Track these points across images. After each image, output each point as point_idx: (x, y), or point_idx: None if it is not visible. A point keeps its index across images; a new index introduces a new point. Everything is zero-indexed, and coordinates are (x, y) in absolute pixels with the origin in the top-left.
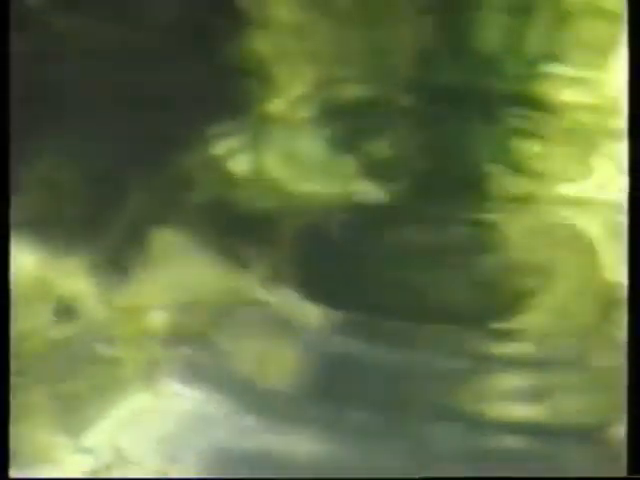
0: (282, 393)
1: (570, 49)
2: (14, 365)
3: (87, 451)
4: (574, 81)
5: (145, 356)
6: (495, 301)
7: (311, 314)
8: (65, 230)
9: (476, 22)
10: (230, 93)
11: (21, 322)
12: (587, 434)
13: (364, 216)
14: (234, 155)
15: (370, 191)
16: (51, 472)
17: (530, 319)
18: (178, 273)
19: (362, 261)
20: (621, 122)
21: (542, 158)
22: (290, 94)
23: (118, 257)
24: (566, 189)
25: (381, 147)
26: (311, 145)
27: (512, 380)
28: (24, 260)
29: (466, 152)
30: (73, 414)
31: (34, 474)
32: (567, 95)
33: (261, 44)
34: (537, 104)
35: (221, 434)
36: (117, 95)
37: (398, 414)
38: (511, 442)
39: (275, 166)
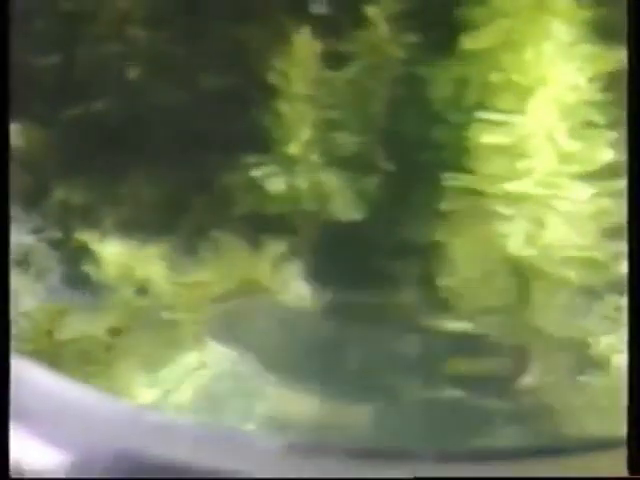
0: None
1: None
2: (110, 322)
3: (154, 388)
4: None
5: (197, 321)
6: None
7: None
8: (144, 230)
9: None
10: (261, 136)
11: (111, 296)
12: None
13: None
14: (266, 178)
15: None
16: (130, 402)
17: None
18: (225, 263)
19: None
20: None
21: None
22: (301, 138)
23: (183, 250)
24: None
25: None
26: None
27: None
28: (114, 251)
29: None
30: (146, 363)
31: (119, 403)
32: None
33: (283, 107)
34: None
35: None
36: (183, 138)
37: (379, 370)
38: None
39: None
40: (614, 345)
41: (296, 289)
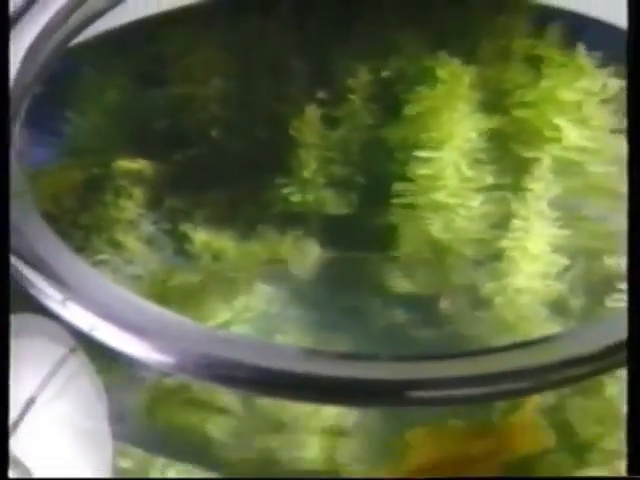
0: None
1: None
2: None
3: (222, 317)
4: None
5: (249, 277)
6: None
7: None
8: (218, 224)
9: None
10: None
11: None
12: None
13: None
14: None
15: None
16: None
17: None
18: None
19: None
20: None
21: None
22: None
23: (240, 234)
24: None
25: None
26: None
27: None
28: (202, 236)
29: None
30: (219, 301)
31: None
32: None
33: (299, 150)
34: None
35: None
36: (240, 171)
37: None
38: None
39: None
40: (495, 289)
41: (306, 257)
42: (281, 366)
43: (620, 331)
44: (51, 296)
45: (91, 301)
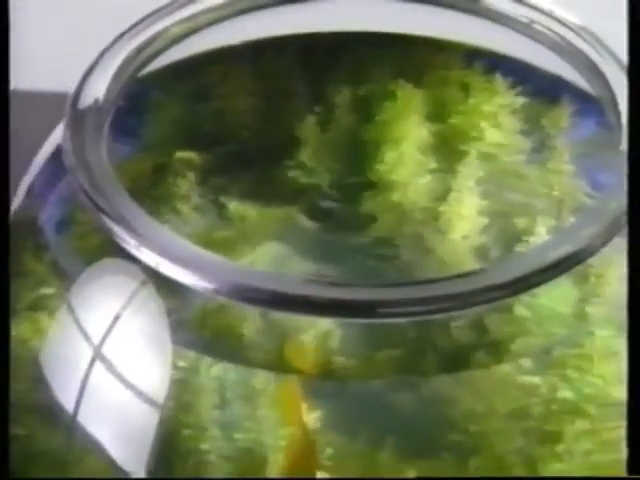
0: None
1: None
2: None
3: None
4: None
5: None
6: None
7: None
8: (244, 198)
9: None
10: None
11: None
12: None
13: None
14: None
15: None
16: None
17: None
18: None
19: None
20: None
21: None
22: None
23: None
24: None
25: None
26: None
27: None
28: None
29: None
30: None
31: None
32: None
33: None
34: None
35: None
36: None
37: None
38: None
39: None
40: (437, 240)
41: (305, 221)
42: (288, 290)
43: (523, 267)
44: (128, 242)
45: (157, 245)
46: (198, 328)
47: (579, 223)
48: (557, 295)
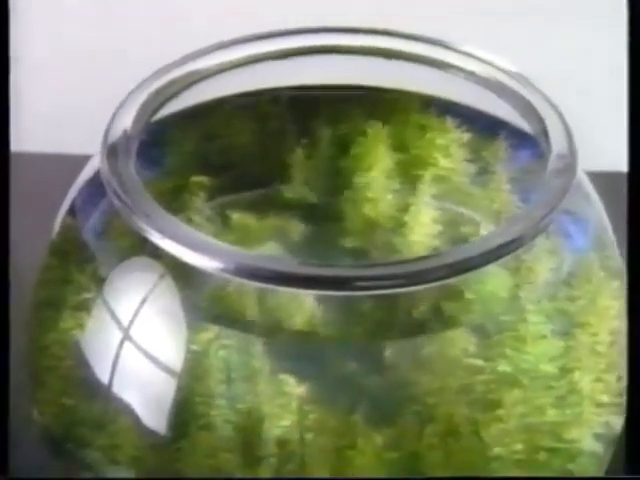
0: None
1: None
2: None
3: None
4: None
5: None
6: None
7: None
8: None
9: None
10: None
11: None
12: None
13: None
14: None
15: None
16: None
17: None
18: None
19: None
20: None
21: None
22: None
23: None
24: None
25: None
26: None
27: None
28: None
29: None
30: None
31: None
32: None
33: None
34: None
35: None
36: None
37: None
38: None
39: None
40: (400, 242)
41: (295, 227)
42: (285, 269)
43: (468, 252)
44: (153, 234)
45: (176, 236)
46: (212, 305)
47: (510, 224)
48: (497, 282)
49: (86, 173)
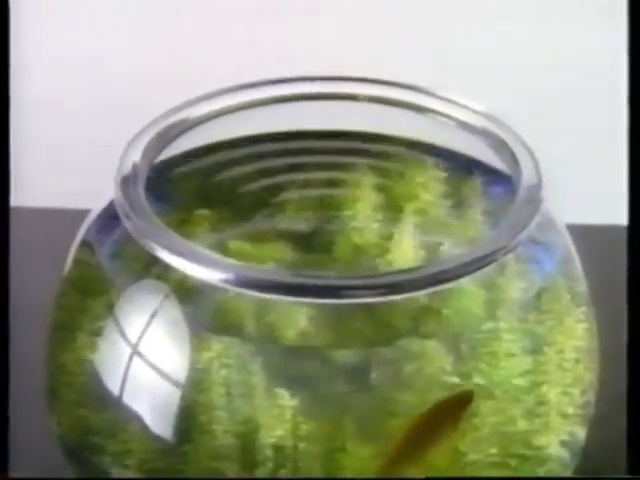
0: None
1: None
2: None
3: None
4: None
5: None
6: None
7: None
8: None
9: None
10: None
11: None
12: None
13: None
14: None
15: None
16: None
17: None
18: None
19: None
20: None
21: None
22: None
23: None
24: None
25: None
26: None
27: None
28: (235, 244)
29: None
30: None
31: None
32: None
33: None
34: None
35: None
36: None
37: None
38: None
39: None
40: (384, 263)
41: (287, 254)
42: (281, 280)
43: (444, 265)
44: (162, 252)
45: (183, 253)
46: (215, 315)
47: (480, 245)
48: (472, 298)
49: (97, 209)
